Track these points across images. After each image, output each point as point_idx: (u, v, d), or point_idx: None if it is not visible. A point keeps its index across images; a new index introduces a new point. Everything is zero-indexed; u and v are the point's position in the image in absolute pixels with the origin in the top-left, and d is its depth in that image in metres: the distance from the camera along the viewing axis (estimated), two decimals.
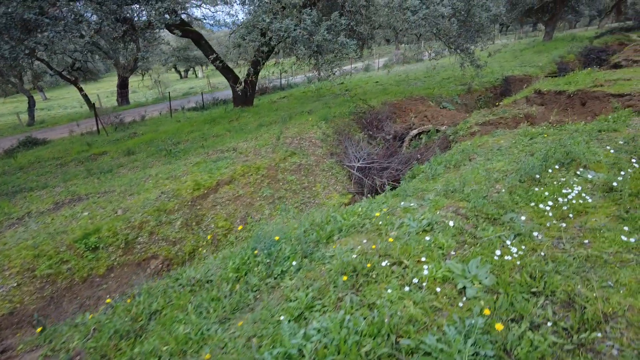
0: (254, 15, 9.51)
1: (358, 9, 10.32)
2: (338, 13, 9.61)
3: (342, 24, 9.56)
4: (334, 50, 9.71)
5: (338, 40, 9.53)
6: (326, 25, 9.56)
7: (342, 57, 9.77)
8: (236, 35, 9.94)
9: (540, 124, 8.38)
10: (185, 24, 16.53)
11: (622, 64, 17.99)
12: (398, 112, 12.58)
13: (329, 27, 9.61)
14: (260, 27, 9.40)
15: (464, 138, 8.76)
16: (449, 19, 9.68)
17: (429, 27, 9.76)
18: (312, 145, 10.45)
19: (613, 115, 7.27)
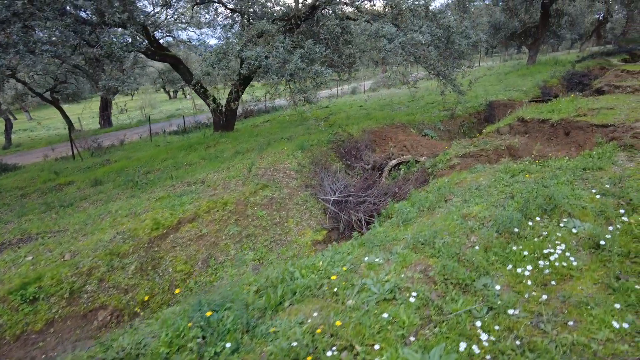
0: (225, 42, 9.10)
1: (334, 36, 9.98)
2: (312, 41, 9.24)
3: (316, 52, 9.18)
4: (308, 79, 9.29)
5: (312, 68, 9.12)
6: (300, 53, 9.17)
7: (317, 85, 9.36)
8: (206, 63, 9.51)
9: (523, 157, 7.96)
10: (163, 48, 16.13)
11: (604, 89, 17.91)
12: (378, 141, 12.15)
13: (302, 55, 9.21)
14: (231, 54, 8.98)
15: (443, 172, 8.29)
16: (427, 47, 9.36)
17: (406, 55, 9.43)
18: (286, 177, 9.90)
19: (597, 150, 6.86)
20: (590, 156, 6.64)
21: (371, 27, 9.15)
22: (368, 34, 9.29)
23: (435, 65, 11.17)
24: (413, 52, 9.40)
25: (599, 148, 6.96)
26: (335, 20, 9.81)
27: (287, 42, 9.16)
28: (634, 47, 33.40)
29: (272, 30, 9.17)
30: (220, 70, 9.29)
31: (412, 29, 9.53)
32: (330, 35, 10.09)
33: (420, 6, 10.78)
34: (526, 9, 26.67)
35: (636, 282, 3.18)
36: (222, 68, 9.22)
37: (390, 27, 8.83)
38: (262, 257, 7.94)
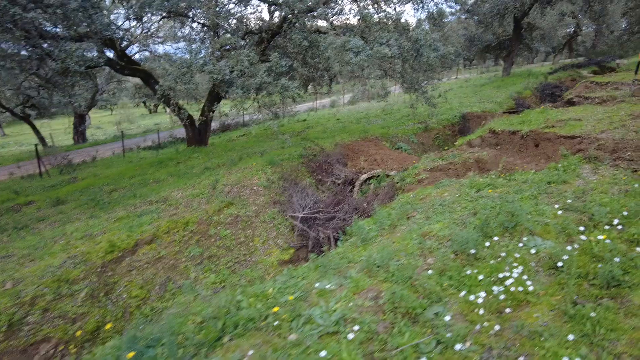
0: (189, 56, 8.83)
1: (302, 50, 9.81)
2: (278, 55, 9.05)
3: (282, 65, 8.98)
4: (275, 93, 9.07)
5: (279, 82, 8.91)
6: (266, 67, 8.95)
7: (285, 99, 9.13)
8: (170, 77, 9.21)
9: (491, 170, 7.84)
10: (133, 62, 15.77)
11: (574, 100, 18.21)
12: (351, 155, 11.96)
13: (269, 69, 9.00)
14: (195, 68, 8.70)
15: (411, 186, 8.10)
16: (392, 60, 9.26)
17: (373, 69, 9.30)
18: (253, 194, 9.58)
19: (563, 162, 6.77)
20: (556, 169, 6.54)
21: (337, 40, 9.03)
22: (334, 47, 9.16)
23: (405, 78, 11.10)
24: (380, 66, 9.28)
25: (565, 160, 6.88)
26: (302, 34, 9.65)
27: (252, 55, 8.94)
28: (603, 59, 34.38)
29: (237, 44, 8.95)
30: (184, 85, 9.00)
31: (380, 42, 9.43)
32: (298, 48, 9.92)
33: (390, 19, 10.74)
34: (499, 23, 27.22)
35: (593, 307, 2.97)
36: (185, 83, 8.93)
37: (357, 41, 8.71)
38: (224, 279, 7.58)
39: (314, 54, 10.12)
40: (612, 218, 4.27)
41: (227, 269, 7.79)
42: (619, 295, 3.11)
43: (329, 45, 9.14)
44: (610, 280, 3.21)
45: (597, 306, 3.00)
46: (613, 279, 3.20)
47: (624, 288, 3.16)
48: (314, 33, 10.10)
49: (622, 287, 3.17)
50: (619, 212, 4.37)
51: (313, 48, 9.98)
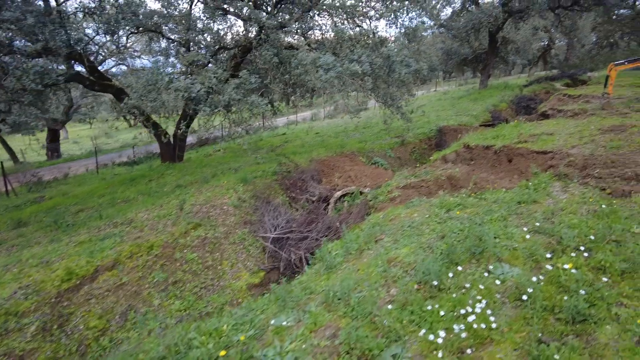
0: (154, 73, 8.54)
1: (273, 66, 9.64)
2: (247, 71, 8.86)
3: (252, 82, 8.78)
4: (245, 110, 8.84)
5: (248, 99, 8.69)
6: (235, 83, 8.74)
7: (256, 115, 8.91)
8: (135, 95, 8.88)
9: (463, 188, 7.73)
10: (104, 78, 15.35)
11: (548, 112, 18.52)
12: (326, 171, 11.77)
13: (238, 86, 8.78)
14: (161, 85, 8.42)
15: (383, 205, 7.93)
16: (362, 77, 9.17)
17: (344, 86, 9.19)
18: (223, 214, 9.27)
19: (534, 180, 6.70)
20: (527, 187, 6.45)
21: (307, 57, 8.89)
22: (305, 64, 9.01)
23: (378, 93, 11.02)
24: (351, 83, 9.17)
25: (536, 178, 6.80)
26: (273, 50, 9.49)
27: (220, 72, 8.72)
28: (575, 72, 35.31)
29: (205, 61, 8.72)
30: (150, 102, 8.69)
31: (351, 58, 9.33)
32: (268, 65, 9.76)
33: (365, 35, 10.69)
34: (475, 37, 27.70)
35: (557, 347, 2.79)
36: (151, 100, 8.63)
37: (328, 57, 8.58)
38: (189, 306, 7.21)
39: (285, 71, 9.97)
40: (580, 242, 4.14)
41: (193, 294, 7.43)
42: (585, 332, 2.94)
43: (300, 62, 8.99)
44: (576, 315, 3.04)
45: (561, 345, 2.82)
46: (579, 314, 3.03)
47: (589, 324, 3.00)
48: (286, 49, 9.94)
49: (588, 323, 3.00)
50: (586, 236, 4.25)
51: (285, 64, 9.82)
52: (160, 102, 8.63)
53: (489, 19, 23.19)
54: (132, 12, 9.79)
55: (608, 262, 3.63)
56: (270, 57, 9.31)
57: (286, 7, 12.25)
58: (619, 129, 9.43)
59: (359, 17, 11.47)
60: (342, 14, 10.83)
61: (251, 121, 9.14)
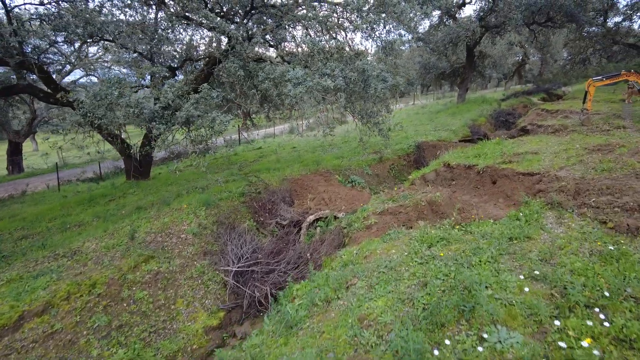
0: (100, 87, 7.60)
1: (239, 80, 8.82)
2: (209, 85, 7.99)
3: (213, 97, 7.92)
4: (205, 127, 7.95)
5: (209, 115, 7.82)
6: (194, 98, 7.86)
7: (217, 132, 8.02)
8: (80, 112, 7.89)
9: (445, 215, 7.00)
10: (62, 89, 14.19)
11: (528, 128, 18.26)
12: (299, 191, 10.92)
13: (197, 101, 7.90)
14: (109, 101, 7.47)
15: (358, 234, 7.12)
16: (335, 92, 8.46)
17: (315, 101, 8.44)
18: (180, 243, 8.29)
19: (525, 210, 6.02)
20: (517, 218, 5.75)
21: (275, 70, 8.12)
22: (272, 77, 8.22)
23: (353, 110, 10.34)
24: (322, 98, 8.43)
25: (527, 208, 6.11)
26: (238, 62, 8.67)
27: (178, 86, 7.84)
28: (550, 86, 35.78)
29: (161, 74, 7.84)
30: (98, 119, 7.71)
31: (324, 72, 8.60)
32: (233, 78, 8.95)
33: (341, 48, 10.00)
34: (452, 51, 27.61)
35: None
36: (99, 117, 7.65)
37: (298, 71, 7.81)
38: (135, 355, 6.20)
39: (252, 85, 9.17)
40: (590, 298, 3.41)
41: (140, 340, 6.42)
42: None
43: (267, 76, 8.20)
44: None
45: None
46: None
47: None
48: (255, 61, 9.13)
49: None
50: (596, 288, 3.52)
51: (253, 78, 9.02)
52: (109, 119, 7.66)
53: (467, 33, 23.04)
54: (85, 19, 8.83)
55: (633, 332, 2.88)
56: (236, 70, 8.49)
57: (257, 18, 11.51)
58: (606, 149, 8.94)
59: (334, 28, 10.80)
60: (315, 25, 10.13)
61: (212, 139, 8.23)
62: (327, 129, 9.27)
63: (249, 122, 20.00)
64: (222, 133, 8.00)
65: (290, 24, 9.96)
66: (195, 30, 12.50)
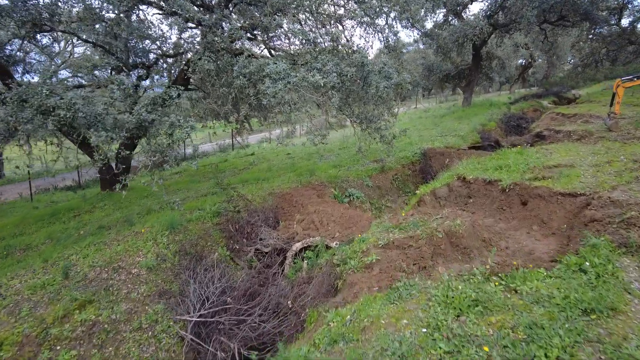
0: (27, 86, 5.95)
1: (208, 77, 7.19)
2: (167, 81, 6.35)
3: (172, 96, 6.27)
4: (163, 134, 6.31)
5: (167, 119, 6.16)
6: (149, 99, 6.20)
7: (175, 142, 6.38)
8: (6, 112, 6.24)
9: (470, 252, 5.30)
10: None
11: (544, 133, 16.55)
12: (286, 209, 9.21)
13: (153, 102, 6.24)
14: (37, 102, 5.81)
15: (355, 276, 5.41)
16: (326, 92, 6.79)
17: (299, 100, 6.77)
18: (130, 281, 6.58)
19: (589, 256, 4.29)
20: (581, 268, 4.04)
21: (251, 64, 6.47)
22: (247, 72, 6.56)
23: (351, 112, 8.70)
24: (310, 97, 6.77)
25: (591, 252, 4.37)
26: (210, 55, 7.02)
27: (127, 82, 6.20)
28: (560, 89, 34.12)
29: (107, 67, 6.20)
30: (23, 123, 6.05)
31: (314, 66, 6.96)
32: (203, 74, 7.33)
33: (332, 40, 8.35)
34: (458, 52, 25.96)
35: None
36: (23, 121, 5.99)
37: (279, 65, 6.16)
38: None
39: (226, 82, 7.55)
40: None
41: None
42: None
43: (241, 71, 6.55)
44: None
45: None
46: None
47: None
48: (230, 55, 7.49)
49: None
50: None
51: (227, 72, 7.38)
52: (37, 124, 5.99)
53: (474, 31, 21.40)
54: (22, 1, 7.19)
55: None
56: (204, 64, 6.84)
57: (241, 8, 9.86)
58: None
59: (327, 19, 9.15)
60: (305, 13, 8.48)
61: (172, 148, 6.56)
62: (318, 136, 7.59)
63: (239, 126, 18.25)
64: (184, 141, 6.34)
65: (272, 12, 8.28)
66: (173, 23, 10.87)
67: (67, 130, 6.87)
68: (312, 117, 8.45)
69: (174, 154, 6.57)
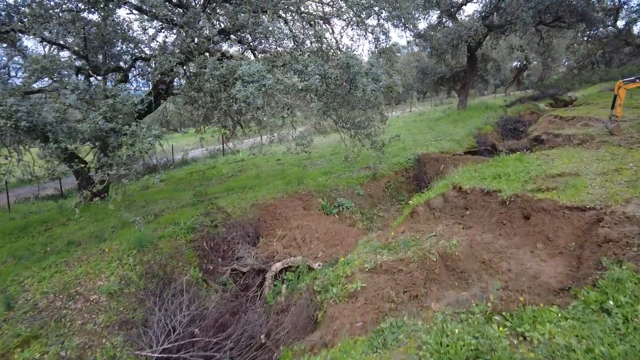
0: None
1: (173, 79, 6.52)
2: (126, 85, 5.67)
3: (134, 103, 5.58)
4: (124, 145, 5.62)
5: (128, 129, 5.47)
6: (107, 105, 5.51)
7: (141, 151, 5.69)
8: None
9: (466, 278, 4.63)
10: None
11: (542, 138, 15.96)
12: (269, 222, 8.52)
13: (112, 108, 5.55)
14: None
15: (336, 308, 4.73)
16: (305, 95, 6.15)
17: (275, 105, 6.09)
18: (87, 309, 5.85)
19: (610, 289, 3.61)
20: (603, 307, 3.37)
21: (221, 66, 5.80)
22: (219, 74, 5.91)
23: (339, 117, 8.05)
24: (288, 102, 6.08)
25: (614, 287, 3.66)
26: (179, 56, 6.34)
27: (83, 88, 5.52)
28: (556, 91, 33.70)
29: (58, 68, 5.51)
30: None
31: (295, 68, 6.30)
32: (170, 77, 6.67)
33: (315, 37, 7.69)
34: (452, 54, 25.41)
35: None
36: None
37: (254, 65, 5.50)
38: None
39: (198, 85, 6.89)
40: None
41: None
42: None
43: (212, 73, 5.88)
44: None
45: None
46: None
47: None
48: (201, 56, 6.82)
49: None
50: None
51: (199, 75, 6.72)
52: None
53: (469, 32, 20.85)
54: None
55: None
56: (172, 66, 6.17)
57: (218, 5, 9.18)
58: None
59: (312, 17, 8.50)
60: (287, 11, 7.82)
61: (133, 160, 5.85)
62: (300, 145, 6.93)
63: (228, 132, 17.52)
64: (147, 152, 5.65)
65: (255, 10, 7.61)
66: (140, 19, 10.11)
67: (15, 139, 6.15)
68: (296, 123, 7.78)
69: (135, 167, 5.86)
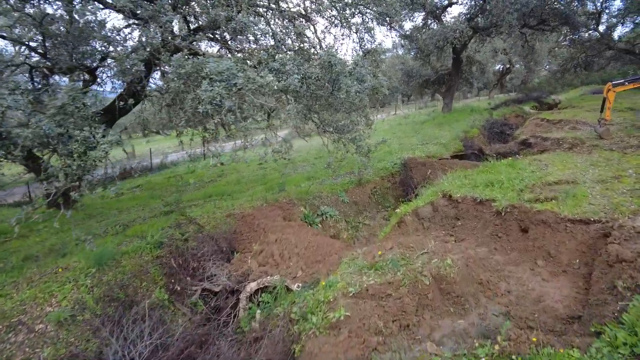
0: None
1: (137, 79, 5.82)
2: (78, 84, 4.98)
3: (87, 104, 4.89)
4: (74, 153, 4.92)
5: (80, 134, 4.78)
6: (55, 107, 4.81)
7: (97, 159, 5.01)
8: None
9: (463, 303, 4.08)
10: None
11: (530, 141, 15.66)
12: (245, 234, 7.86)
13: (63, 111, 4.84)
14: None
15: (315, 342, 4.11)
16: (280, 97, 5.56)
17: (247, 108, 5.46)
18: (31, 342, 5.10)
19: (631, 322, 3.09)
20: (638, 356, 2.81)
21: (187, 63, 5.17)
22: (184, 72, 5.28)
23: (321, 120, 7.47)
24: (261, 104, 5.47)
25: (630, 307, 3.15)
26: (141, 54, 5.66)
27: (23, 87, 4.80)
28: (540, 94, 33.78)
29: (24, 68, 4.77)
30: None
31: (272, 67, 5.70)
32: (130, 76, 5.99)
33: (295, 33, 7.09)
34: (438, 56, 25.11)
35: None
36: None
37: (222, 63, 4.86)
38: None
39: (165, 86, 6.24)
40: None
41: None
42: None
43: (176, 71, 5.24)
44: None
45: None
46: None
47: None
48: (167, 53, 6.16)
49: None
50: None
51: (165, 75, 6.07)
52: None
53: (454, 34, 20.54)
54: None
55: None
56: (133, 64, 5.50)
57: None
58: None
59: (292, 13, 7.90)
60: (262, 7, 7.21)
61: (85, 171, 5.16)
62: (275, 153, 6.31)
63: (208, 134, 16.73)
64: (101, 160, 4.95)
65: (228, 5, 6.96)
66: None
67: None
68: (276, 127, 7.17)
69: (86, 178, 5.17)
